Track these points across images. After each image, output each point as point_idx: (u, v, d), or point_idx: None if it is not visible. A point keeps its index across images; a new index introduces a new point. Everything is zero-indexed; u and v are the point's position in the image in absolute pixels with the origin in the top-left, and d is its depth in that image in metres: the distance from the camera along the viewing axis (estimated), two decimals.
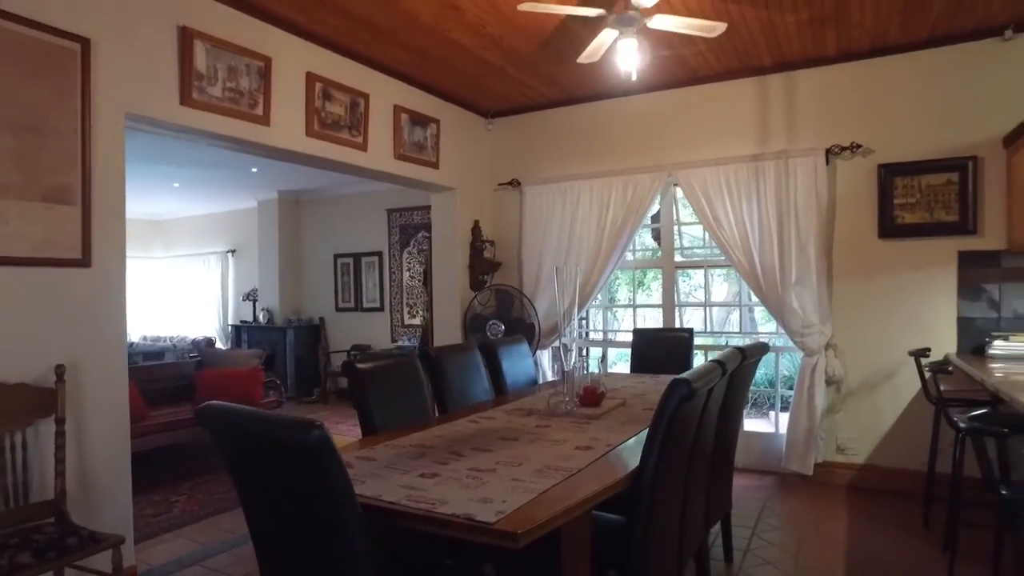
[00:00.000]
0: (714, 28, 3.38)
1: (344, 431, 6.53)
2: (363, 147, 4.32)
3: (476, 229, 5.55)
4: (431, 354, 3.11)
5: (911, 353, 3.84)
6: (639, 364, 4.43)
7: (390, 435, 2.43)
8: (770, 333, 5.07)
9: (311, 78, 3.92)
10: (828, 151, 4.40)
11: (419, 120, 4.86)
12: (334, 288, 8.89)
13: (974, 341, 4.04)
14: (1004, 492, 2.23)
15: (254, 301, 9.19)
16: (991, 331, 4.00)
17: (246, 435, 1.54)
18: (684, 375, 1.96)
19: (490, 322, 5.28)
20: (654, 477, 1.95)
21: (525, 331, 5.21)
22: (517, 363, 3.81)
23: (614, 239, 5.04)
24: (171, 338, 9.80)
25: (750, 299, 5.15)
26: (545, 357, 5.47)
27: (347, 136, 4.18)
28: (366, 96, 4.31)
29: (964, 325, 4.12)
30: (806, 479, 4.46)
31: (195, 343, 9.32)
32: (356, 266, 8.70)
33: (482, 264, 5.55)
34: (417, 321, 8.16)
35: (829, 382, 4.44)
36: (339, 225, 8.83)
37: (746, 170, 4.59)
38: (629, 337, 4.82)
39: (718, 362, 2.29)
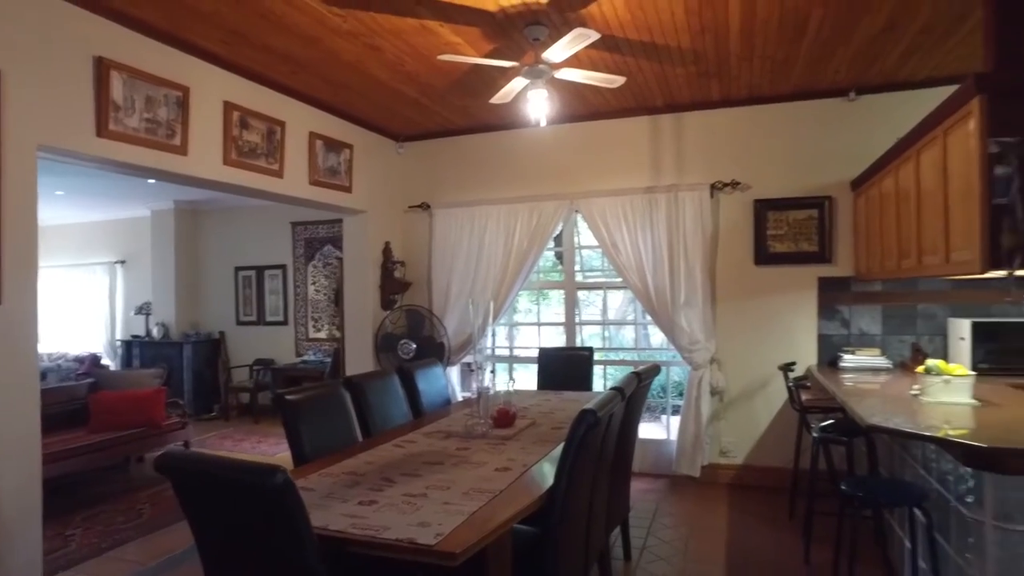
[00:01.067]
0: (614, 81, 3.77)
1: (247, 449, 6.47)
2: (279, 174, 4.39)
3: (387, 250, 5.70)
4: (354, 382, 3.27)
5: (780, 367, 4.39)
6: (544, 381, 4.76)
7: (322, 463, 2.59)
8: (661, 349, 5.55)
9: (229, 107, 3.97)
10: (712, 186, 4.92)
11: (333, 146, 4.97)
12: (235, 301, 8.70)
13: (830, 354, 4.67)
14: (843, 487, 2.70)
15: (147, 315, 8.82)
16: (843, 346, 4.65)
17: (209, 480, 1.67)
18: (590, 405, 2.27)
19: (401, 341, 5.44)
20: (565, 494, 2.25)
21: (435, 349, 5.43)
22: (432, 384, 4.03)
23: (520, 262, 5.36)
24: (50, 355, 9.18)
25: (644, 318, 5.62)
26: (455, 373, 5.70)
27: (264, 164, 4.25)
28: (282, 124, 4.39)
29: (822, 341, 4.75)
30: (694, 480, 4.95)
31: (80, 360, 8.79)
32: (259, 279, 8.57)
33: (393, 284, 5.71)
34: (323, 335, 8.15)
35: (713, 393, 4.96)
36: (240, 237, 8.66)
37: (641, 201, 5.04)
38: (532, 353, 5.15)
39: (618, 389, 2.63)
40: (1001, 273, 2.44)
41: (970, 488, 2.39)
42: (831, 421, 3.31)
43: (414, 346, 5.42)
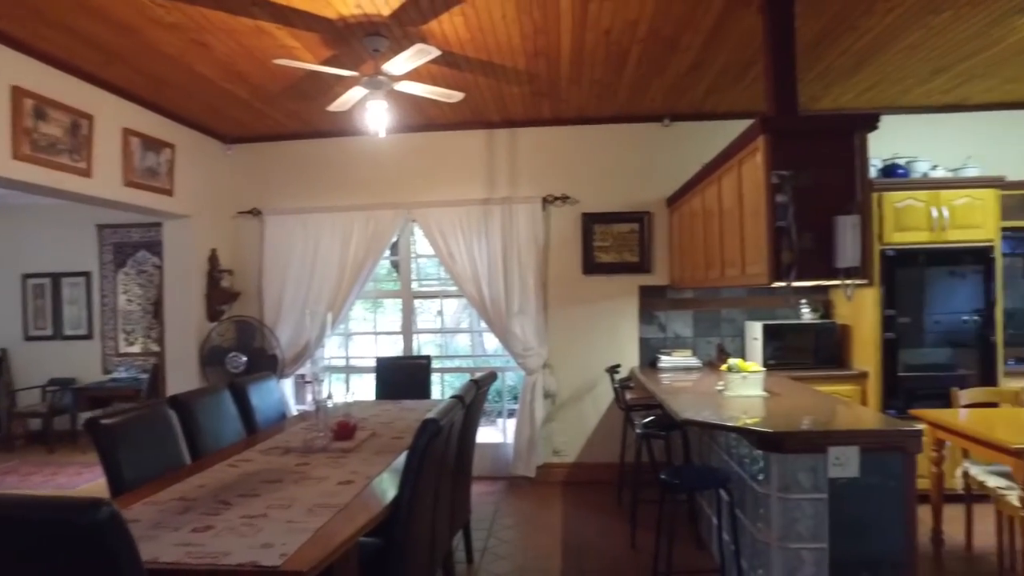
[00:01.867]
0: (453, 96, 3.87)
1: (39, 484, 5.72)
2: (87, 172, 3.96)
3: (213, 258, 5.35)
4: (181, 400, 3.05)
5: (606, 369, 4.76)
6: (383, 391, 4.74)
7: (146, 490, 2.39)
8: (496, 355, 5.76)
9: (19, 93, 3.51)
10: (544, 200, 5.21)
11: (152, 144, 4.58)
12: (22, 313, 7.62)
13: (650, 356, 5.14)
14: (662, 477, 3.01)
15: None
16: (661, 348, 5.13)
17: (9, 524, 1.43)
18: (432, 414, 2.33)
19: (230, 354, 5.13)
20: (410, 504, 2.29)
21: (268, 362, 5.18)
22: (267, 399, 3.86)
23: (356, 271, 5.29)
24: None
25: (480, 325, 5.79)
26: (288, 386, 5.48)
27: (68, 161, 3.81)
28: (91, 117, 3.97)
29: (643, 344, 5.21)
30: (530, 480, 5.18)
31: None
32: (55, 288, 7.59)
33: (220, 294, 5.37)
34: (137, 349, 7.41)
35: (546, 396, 5.24)
36: (30, 240, 7.60)
37: (477, 212, 5.20)
38: (369, 363, 5.10)
39: (458, 397, 2.72)
40: (782, 284, 2.87)
41: (761, 468, 2.78)
42: (652, 418, 3.66)
43: (244, 359, 5.13)
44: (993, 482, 3.27)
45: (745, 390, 3.51)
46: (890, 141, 4.50)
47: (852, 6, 3.29)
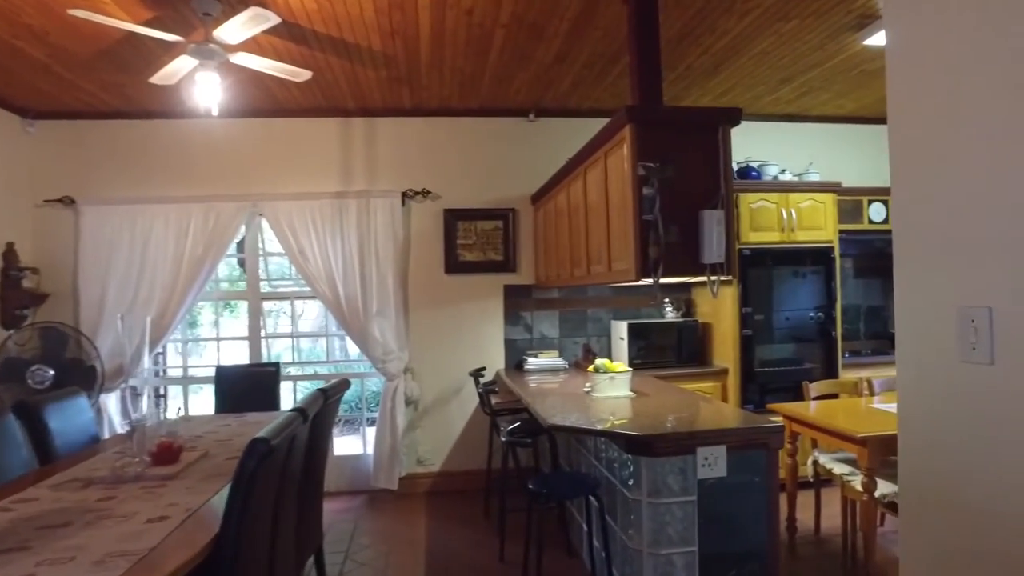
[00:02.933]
0: (300, 74, 3.48)
1: None
2: None
3: (10, 253, 4.51)
4: None
5: (471, 373, 4.54)
6: (224, 403, 4.21)
7: None
8: (359, 360, 5.36)
9: None
10: (404, 194, 4.90)
11: None
12: None
13: (516, 358, 4.98)
14: (530, 486, 2.82)
15: None
16: (527, 349, 4.99)
17: None
18: (263, 433, 1.97)
19: (33, 367, 4.35)
20: (238, 537, 1.91)
21: (84, 374, 4.45)
22: (72, 420, 3.24)
23: (194, 270, 4.69)
24: None
25: (340, 328, 5.36)
26: (112, 402, 4.75)
27: None
28: None
29: (509, 345, 5.04)
30: (393, 493, 4.84)
31: None
32: None
33: (20, 296, 4.55)
34: None
35: (408, 402, 4.92)
36: None
37: (331, 206, 4.79)
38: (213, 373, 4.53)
39: (299, 410, 2.36)
40: (649, 281, 2.78)
41: (631, 472, 2.67)
42: (517, 424, 3.48)
43: (52, 373, 4.36)
44: (839, 469, 3.41)
45: (613, 391, 3.42)
46: (743, 145, 4.64)
47: (713, 4, 3.30)
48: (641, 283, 2.89)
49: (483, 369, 4.64)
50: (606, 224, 3.15)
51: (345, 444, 5.28)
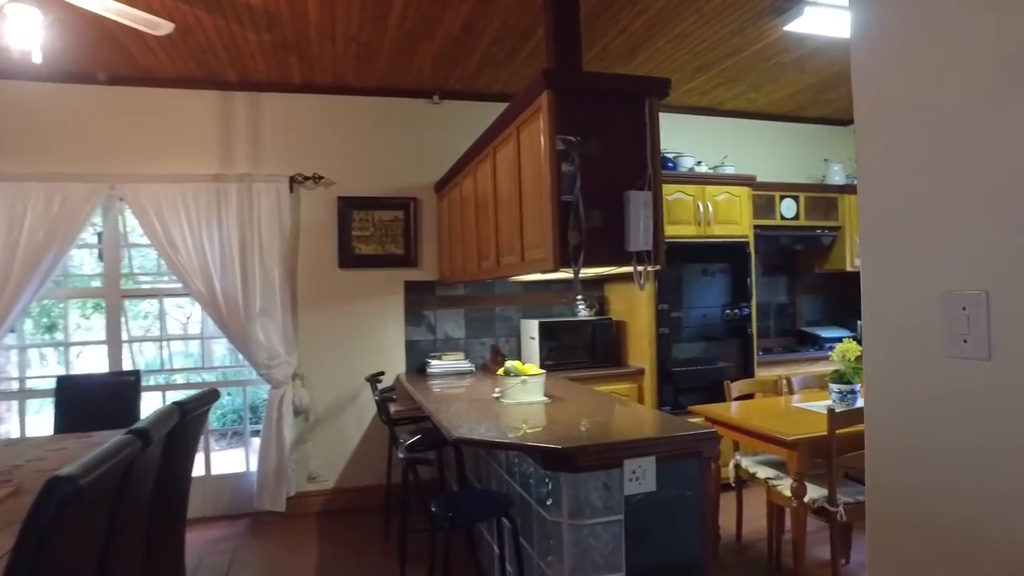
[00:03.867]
0: (158, 25, 2.91)
1: None
2: None
3: None
4: None
5: (368, 379, 4.07)
6: (67, 421, 3.53)
7: None
8: (239, 366, 4.74)
9: None
10: (292, 179, 4.36)
11: None
12: None
13: (418, 361, 4.55)
14: (432, 509, 2.43)
15: None
16: (430, 351, 4.58)
17: None
18: (69, 469, 1.47)
19: None
20: None
21: None
22: None
23: (32, 261, 3.93)
24: None
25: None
26: None
27: None
28: None
29: (410, 347, 4.61)
30: (280, 516, 4.29)
31: None
32: None
33: None
34: None
35: (297, 412, 4.38)
36: None
37: (207, 191, 4.18)
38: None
39: (137, 432, 1.85)
40: (568, 273, 2.45)
41: (549, 490, 2.32)
42: (418, 437, 3.06)
43: None
44: (763, 473, 3.22)
45: (525, 396, 3.08)
46: None
47: None
48: (557, 276, 2.57)
49: (381, 374, 4.18)
50: (519, 209, 2.80)
51: (222, 464, 4.63)
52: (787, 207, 4.86)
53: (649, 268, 2.46)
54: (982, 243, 1.17)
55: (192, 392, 2.75)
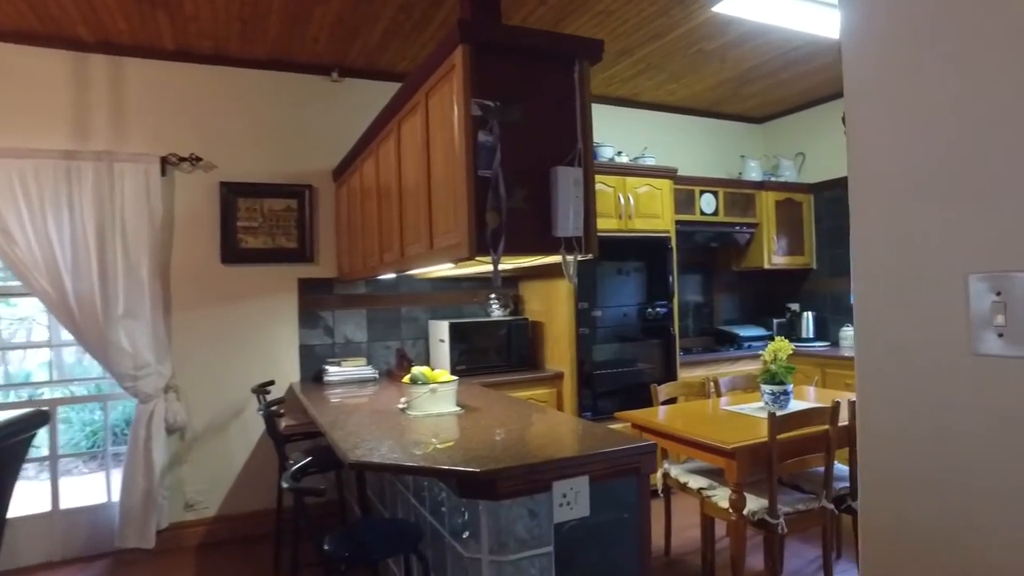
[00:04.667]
0: None
1: None
2: None
3: None
4: None
5: (254, 390, 3.55)
6: None
7: None
8: (98, 379, 4.05)
9: None
10: (165, 160, 3.76)
11: None
12: None
13: (314, 368, 4.05)
14: (325, 548, 2.01)
15: None
16: (328, 356, 4.09)
17: None
18: None
19: None
20: None
21: None
22: None
23: None
24: None
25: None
26: None
27: None
28: None
29: (306, 353, 4.09)
30: (148, 553, 3.66)
31: None
32: None
33: None
34: None
35: (171, 430, 3.77)
36: None
37: (54, 169, 3.51)
38: None
39: None
40: (488, 265, 2.08)
41: (466, 521, 1.95)
42: (307, 460, 2.58)
43: None
44: (695, 483, 2.97)
45: (434, 407, 2.69)
46: None
47: None
48: (470, 272, 2.20)
49: (270, 384, 3.67)
50: (427, 189, 2.41)
51: (73, 497, 3.91)
52: (707, 202, 4.72)
53: (580, 258, 2.13)
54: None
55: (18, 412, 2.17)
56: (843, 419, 2.68)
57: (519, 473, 1.83)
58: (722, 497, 2.72)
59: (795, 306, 5.26)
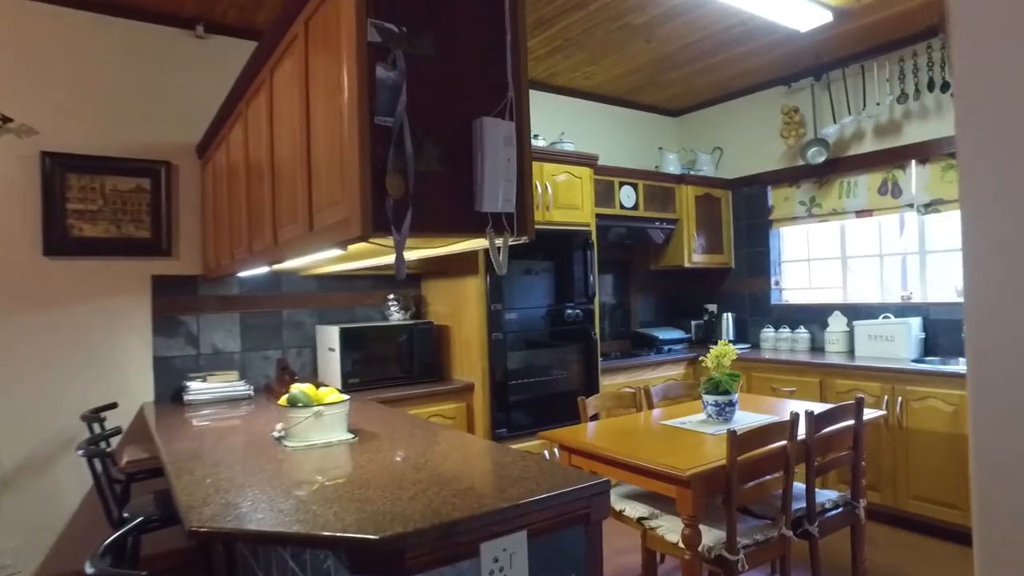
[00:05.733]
0: None
1: None
2: None
3: None
4: None
5: (85, 416, 2.79)
6: None
7: None
8: None
9: None
10: None
11: None
12: None
13: (174, 385, 3.31)
14: None
15: None
16: (191, 370, 3.37)
17: None
18: None
19: None
20: None
21: None
22: None
23: None
24: None
25: None
26: None
27: None
28: None
29: (161, 367, 3.34)
30: None
31: None
32: None
33: None
34: None
35: None
36: None
37: None
38: None
39: None
40: (386, 240, 1.54)
41: None
42: (139, 519, 1.91)
43: None
44: (633, 511, 2.54)
45: (320, 435, 2.11)
46: None
47: None
48: (364, 264, 1.65)
49: (110, 407, 2.92)
50: (306, 152, 1.83)
51: None
52: (626, 195, 4.37)
53: (512, 241, 1.63)
54: None
55: None
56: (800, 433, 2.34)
57: (434, 537, 1.30)
58: (669, 529, 2.31)
59: (713, 307, 5.03)
